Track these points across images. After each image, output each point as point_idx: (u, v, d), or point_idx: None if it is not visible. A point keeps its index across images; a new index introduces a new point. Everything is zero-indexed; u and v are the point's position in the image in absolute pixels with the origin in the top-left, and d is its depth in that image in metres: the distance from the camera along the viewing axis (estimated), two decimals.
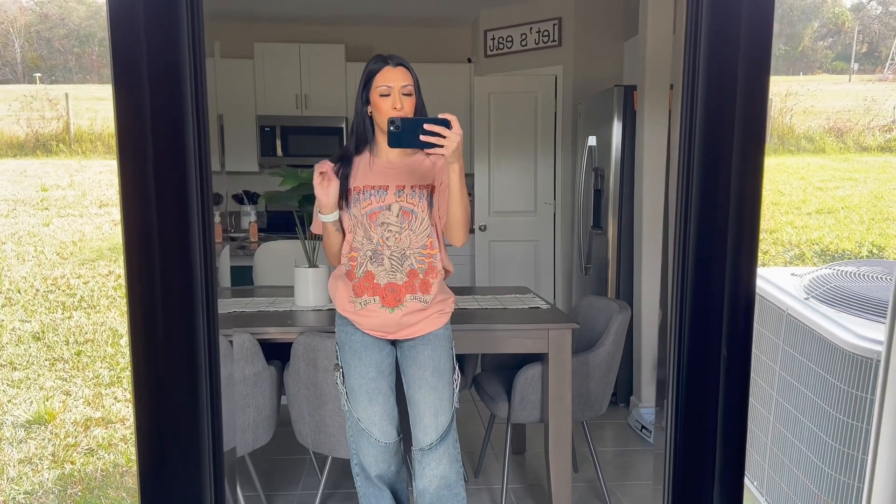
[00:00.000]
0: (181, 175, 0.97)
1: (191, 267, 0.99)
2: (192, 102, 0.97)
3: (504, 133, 4.94)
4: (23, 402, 3.45)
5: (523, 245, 5.07)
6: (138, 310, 0.99)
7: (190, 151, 0.97)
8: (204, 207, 1.00)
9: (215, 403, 1.06)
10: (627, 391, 3.96)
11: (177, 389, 1.02)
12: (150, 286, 0.99)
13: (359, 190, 2.11)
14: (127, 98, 0.94)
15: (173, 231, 0.98)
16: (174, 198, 0.97)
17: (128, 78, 0.92)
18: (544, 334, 2.58)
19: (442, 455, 2.17)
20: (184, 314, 1.00)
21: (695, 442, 1.02)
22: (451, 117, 1.87)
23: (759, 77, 1.03)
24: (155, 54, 0.92)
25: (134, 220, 0.97)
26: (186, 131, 0.96)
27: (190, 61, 0.94)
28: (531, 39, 4.89)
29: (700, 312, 1.02)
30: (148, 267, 0.98)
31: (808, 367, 2.01)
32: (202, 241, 1.00)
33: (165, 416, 1.03)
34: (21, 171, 8.09)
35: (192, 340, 1.01)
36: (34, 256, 5.55)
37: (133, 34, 0.91)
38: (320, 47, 5.25)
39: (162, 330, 1.00)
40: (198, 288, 1.00)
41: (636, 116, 3.76)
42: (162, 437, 1.04)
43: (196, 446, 1.04)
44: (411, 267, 2.11)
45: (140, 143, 0.95)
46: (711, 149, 1.04)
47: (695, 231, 1.04)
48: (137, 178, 0.96)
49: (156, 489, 1.05)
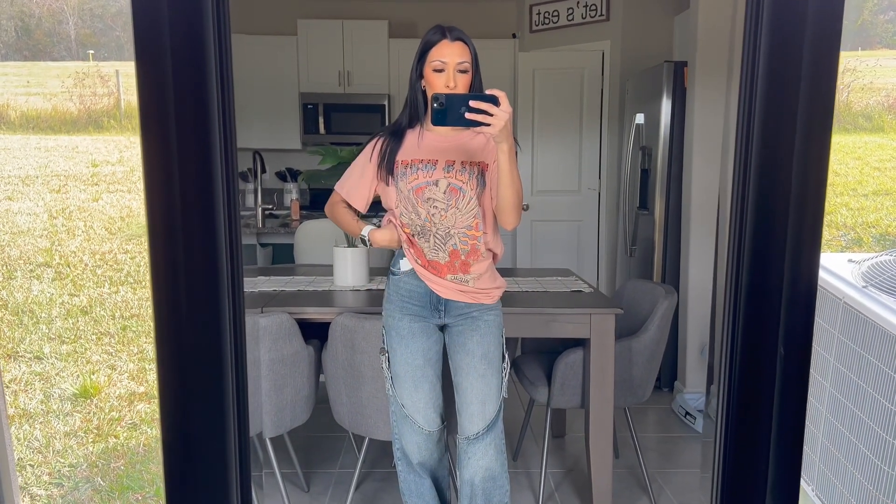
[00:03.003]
0: (205, 151, 0.93)
1: (215, 245, 0.96)
2: (216, 77, 0.93)
3: (548, 110, 4.83)
4: (69, 376, 3.53)
5: (566, 225, 4.98)
6: (162, 288, 0.96)
7: (214, 127, 0.93)
8: (228, 184, 0.96)
9: (241, 383, 1.03)
10: (671, 376, 3.87)
11: (200, 369, 1.00)
12: (174, 265, 0.95)
13: (406, 164, 2.04)
14: (149, 72, 0.90)
15: (197, 208, 0.95)
16: (198, 173, 0.94)
17: (150, 51, 0.89)
18: (586, 319, 2.51)
19: (488, 446, 2.13)
20: (208, 292, 0.97)
21: (748, 445, 0.95)
22: (499, 93, 1.77)
23: (828, 54, 0.95)
24: (177, 26, 0.88)
25: (157, 196, 0.94)
26: (210, 106, 0.93)
27: (214, 34, 0.90)
28: (578, 14, 4.76)
29: (755, 307, 0.95)
30: (171, 245, 0.95)
31: (866, 359, 1.91)
32: (227, 219, 0.96)
33: (189, 396, 1.01)
34: (73, 147, 8.26)
35: (217, 319, 0.98)
36: (83, 231, 5.66)
37: (155, 9, 0.87)
38: (363, 23, 5.19)
39: (185, 308, 0.97)
40: (223, 266, 0.97)
41: (686, 94, 3.63)
42: (186, 418, 1.01)
43: (222, 426, 1.02)
44: (454, 247, 2.05)
45: (163, 118, 0.92)
46: (773, 130, 0.96)
47: (752, 218, 0.96)
48: (160, 154, 0.93)
49: (180, 472, 1.03)
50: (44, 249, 5.20)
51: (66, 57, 12.54)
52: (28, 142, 8.44)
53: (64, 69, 10.64)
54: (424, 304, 2.10)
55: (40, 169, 7.39)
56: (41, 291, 4.55)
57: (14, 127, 8.93)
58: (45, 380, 3.47)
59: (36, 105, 9.47)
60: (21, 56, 11.52)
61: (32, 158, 7.78)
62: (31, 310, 4.28)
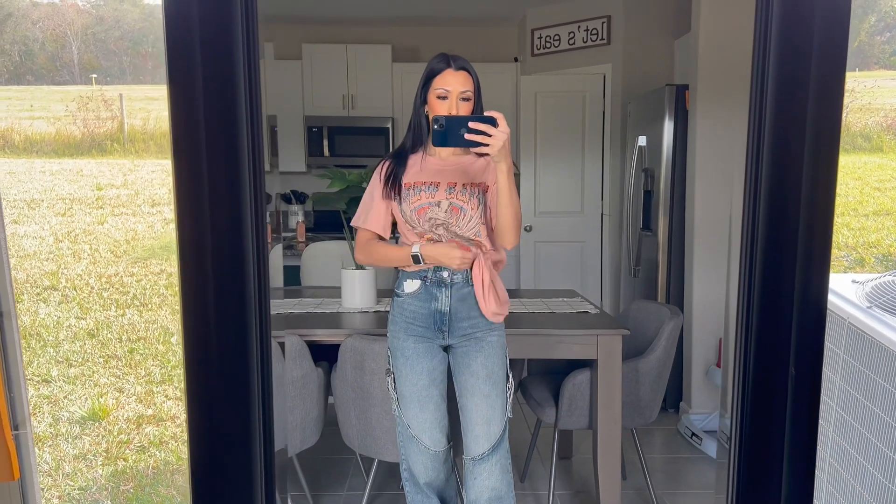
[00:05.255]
0: (235, 175, 0.97)
1: (243, 266, 0.99)
2: (245, 105, 0.96)
3: (551, 132, 4.88)
4: (78, 399, 3.54)
5: (569, 246, 5.01)
6: (191, 309, 0.99)
7: (243, 152, 0.97)
8: (257, 207, 0.99)
9: (267, 403, 1.05)
10: (677, 396, 3.87)
11: (229, 389, 1.02)
12: (203, 285, 0.98)
13: (409, 186, 2.10)
14: (182, 100, 0.93)
15: (226, 230, 0.98)
16: (227, 197, 0.97)
17: (183, 80, 0.92)
18: (593, 340, 2.54)
19: (493, 466, 2.14)
20: (236, 314, 1.00)
21: (760, 464, 0.97)
22: (497, 115, 1.83)
23: (834, 77, 0.98)
24: (209, 57, 0.91)
25: (188, 220, 0.97)
26: (240, 132, 0.96)
27: (244, 63, 0.93)
28: (579, 38, 4.82)
29: (767, 328, 0.98)
30: (201, 266, 0.98)
31: (871, 378, 1.93)
32: (255, 241, 0.99)
33: (217, 415, 1.03)
34: (77, 170, 8.31)
35: (245, 339, 1.01)
36: (89, 254, 5.69)
37: (188, 37, 0.91)
38: (367, 48, 5.26)
39: (214, 329, 1.00)
40: (250, 287, 1.00)
41: (688, 116, 3.68)
42: (214, 436, 1.03)
43: (248, 446, 1.04)
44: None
45: (194, 144, 0.95)
46: (781, 155, 0.99)
47: (763, 242, 0.99)
48: (191, 178, 0.96)
49: (208, 488, 1.05)
50: (50, 273, 5.23)
51: (69, 81, 12.61)
52: (33, 165, 8.49)
53: (67, 93, 10.70)
54: (429, 324, 2.13)
55: (45, 192, 7.43)
56: (48, 314, 4.56)
57: (18, 151, 8.97)
58: (54, 403, 3.48)
59: (40, 129, 9.52)
60: (25, 80, 11.59)
61: (37, 182, 7.83)
62: (38, 333, 4.30)
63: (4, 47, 11.07)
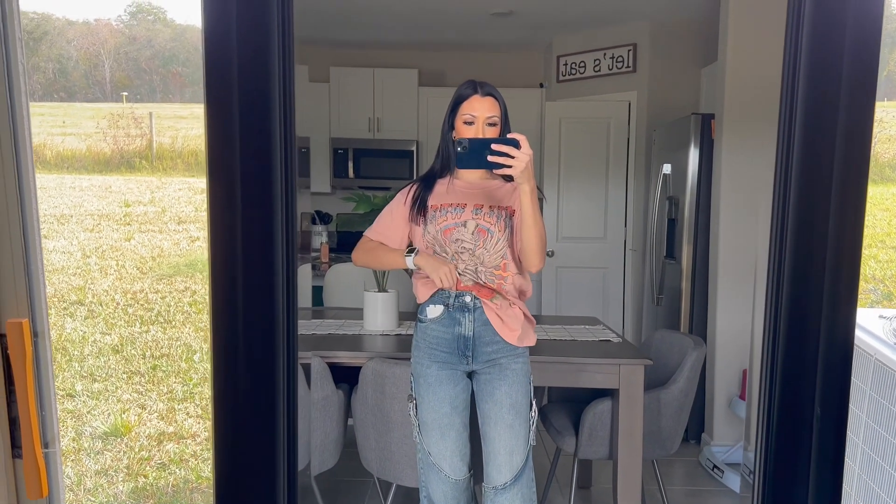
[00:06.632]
0: (268, 197, 0.98)
1: (273, 287, 1.00)
2: (280, 126, 0.98)
3: (575, 158, 4.89)
4: (101, 414, 3.57)
5: (592, 272, 4.99)
6: (220, 326, 1.00)
7: (277, 173, 0.99)
8: (288, 228, 1.01)
9: (292, 423, 1.06)
10: (699, 428, 3.82)
11: (255, 409, 1.03)
12: (233, 302, 1.00)
13: (436, 207, 2.11)
14: (218, 121, 0.96)
15: (257, 250, 0.99)
16: (260, 218, 0.99)
17: (219, 101, 0.95)
18: (615, 369, 2.52)
19: (515, 496, 2.12)
20: (265, 332, 1.01)
21: (785, 502, 0.96)
22: (520, 137, 1.85)
23: (864, 107, 0.98)
24: (246, 77, 0.94)
25: (220, 239, 0.98)
26: (274, 154, 0.98)
27: (279, 86, 0.95)
28: (605, 65, 4.84)
29: (792, 365, 0.97)
30: (231, 282, 0.99)
31: None
32: (285, 260, 1.01)
33: (242, 434, 1.04)
34: (106, 186, 8.45)
35: (272, 358, 1.02)
36: (116, 270, 5.77)
37: (226, 58, 0.93)
38: (394, 72, 5.32)
39: (243, 347, 1.01)
40: (279, 306, 1.01)
41: (713, 145, 3.67)
42: (238, 455, 1.04)
43: (272, 466, 1.05)
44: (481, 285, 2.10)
45: (229, 164, 0.97)
46: (809, 186, 0.99)
47: (789, 277, 0.99)
48: (225, 198, 0.98)
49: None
50: (77, 287, 5.31)
51: (100, 98, 12.87)
52: (63, 181, 8.64)
53: (98, 110, 10.91)
54: (452, 350, 2.13)
55: (74, 208, 7.56)
56: (74, 329, 4.63)
57: (49, 166, 9.15)
58: (77, 417, 3.52)
59: (71, 145, 9.69)
60: (58, 97, 11.86)
61: (67, 197, 7.97)
62: (63, 347, 4.36)
63: (40, 64, 11.34)
